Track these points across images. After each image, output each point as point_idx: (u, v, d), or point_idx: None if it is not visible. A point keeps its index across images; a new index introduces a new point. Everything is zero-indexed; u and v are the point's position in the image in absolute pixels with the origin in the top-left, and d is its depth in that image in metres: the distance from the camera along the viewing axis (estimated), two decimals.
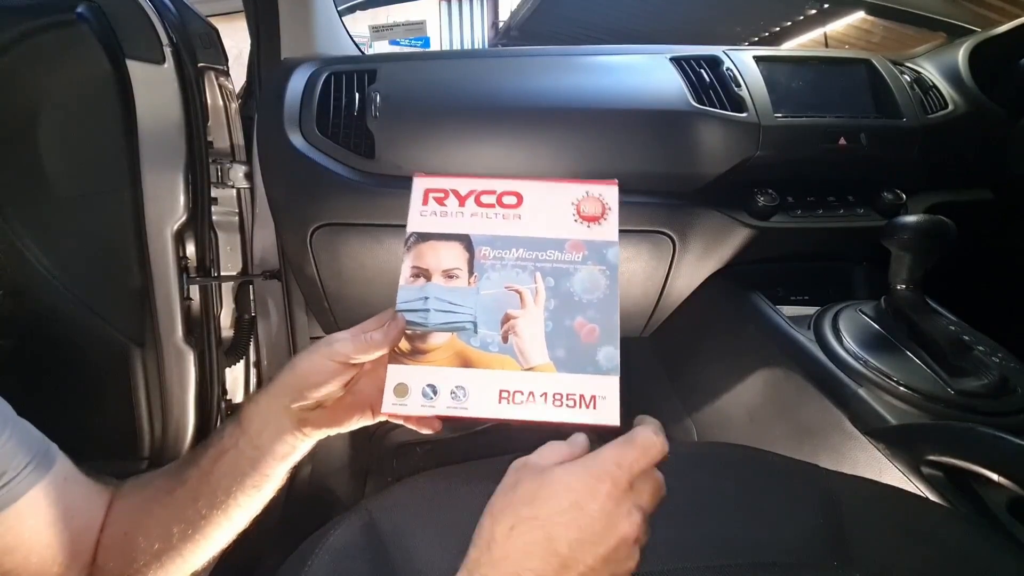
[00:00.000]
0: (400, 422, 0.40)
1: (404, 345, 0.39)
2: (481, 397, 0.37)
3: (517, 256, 0.40)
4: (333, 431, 0.43)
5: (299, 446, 0.43)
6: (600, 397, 0.36)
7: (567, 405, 0.36)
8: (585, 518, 0.30)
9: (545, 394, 0.37)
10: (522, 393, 0.37)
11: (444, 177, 0.44)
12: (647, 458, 0.32)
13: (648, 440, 0.33)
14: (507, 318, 0.39)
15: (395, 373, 0.38)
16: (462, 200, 0.43)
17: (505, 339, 0.38)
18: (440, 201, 0.43)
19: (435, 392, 0.38)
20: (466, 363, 0.38)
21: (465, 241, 0.41)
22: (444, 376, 0.38)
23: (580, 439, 0.35)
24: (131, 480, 0.47)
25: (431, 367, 0.38)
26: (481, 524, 0.31)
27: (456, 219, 0.42)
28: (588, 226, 0.41)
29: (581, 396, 0.36)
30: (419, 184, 0.44)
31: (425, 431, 0.41)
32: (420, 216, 0.42)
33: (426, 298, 0.40)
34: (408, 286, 0.40)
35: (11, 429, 0.41)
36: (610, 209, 0.41)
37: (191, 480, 0.43)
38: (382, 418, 0.41)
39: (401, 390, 0.38)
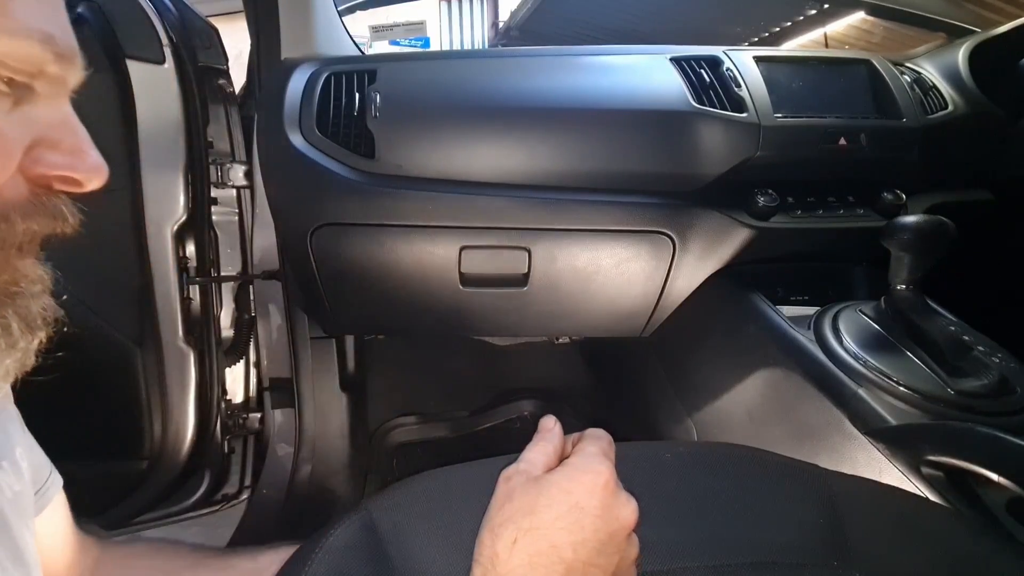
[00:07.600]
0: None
1: None
2: None
3: None
4: None
5: None
6: None
7: None
8: (587, 517, 0.29)
9: None
10: None
11: None
12: (613, 448, 0.33)
13: (605, 432, 0.34)
14: None
15: None
16: None
17: None
18: None
19: None
20: None
21: None
22: None
23: (550, 423, 0.35)
24: None
25: None
26: (481, 541, 0.31)
27: None
28: None
29: None
30: None
31: None
32: None
33: None
34: None
35: (30, 439, 0.41)
36: None
37: None
38: None
39: None
